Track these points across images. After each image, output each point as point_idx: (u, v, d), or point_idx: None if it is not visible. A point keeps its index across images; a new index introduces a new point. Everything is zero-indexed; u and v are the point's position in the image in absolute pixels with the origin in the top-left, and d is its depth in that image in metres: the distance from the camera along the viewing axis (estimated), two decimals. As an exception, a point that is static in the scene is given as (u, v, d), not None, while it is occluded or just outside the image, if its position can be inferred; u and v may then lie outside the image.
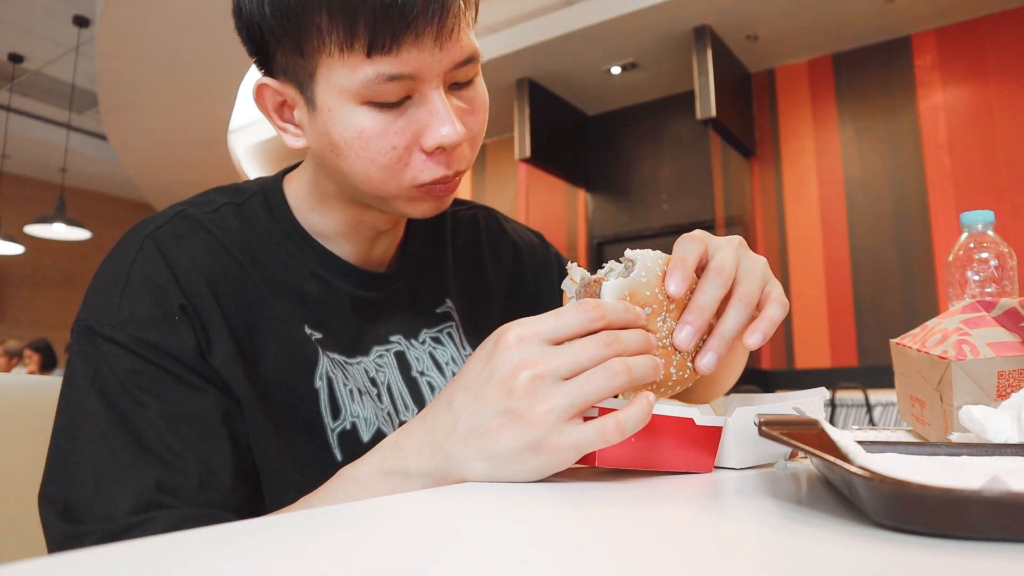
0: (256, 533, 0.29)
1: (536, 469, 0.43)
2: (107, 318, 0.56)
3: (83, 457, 0.52)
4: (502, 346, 0.44)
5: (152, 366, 0.54)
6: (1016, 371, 0.61)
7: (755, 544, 0.29)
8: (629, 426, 0.43)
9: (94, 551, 0.24)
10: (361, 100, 0.55)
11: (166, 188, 7.23)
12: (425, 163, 0.58)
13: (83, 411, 0.53)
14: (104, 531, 0.49)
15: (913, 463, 0.41)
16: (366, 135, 0.56)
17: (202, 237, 0.61)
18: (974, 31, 4.31)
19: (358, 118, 0.56)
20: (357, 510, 0.35)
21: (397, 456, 0.47)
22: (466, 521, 0.34)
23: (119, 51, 4.57)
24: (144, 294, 0.57)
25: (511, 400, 0.43)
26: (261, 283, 0.63)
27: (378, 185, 0.58)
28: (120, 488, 0.50)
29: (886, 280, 4.41)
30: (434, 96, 0.56)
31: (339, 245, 0.68)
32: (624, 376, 0.43)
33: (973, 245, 0.77)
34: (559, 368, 0.43)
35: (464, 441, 0.44)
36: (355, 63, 0.53)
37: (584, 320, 0.44)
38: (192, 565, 0.24)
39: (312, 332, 0.64)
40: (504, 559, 0.26)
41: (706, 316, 0.49)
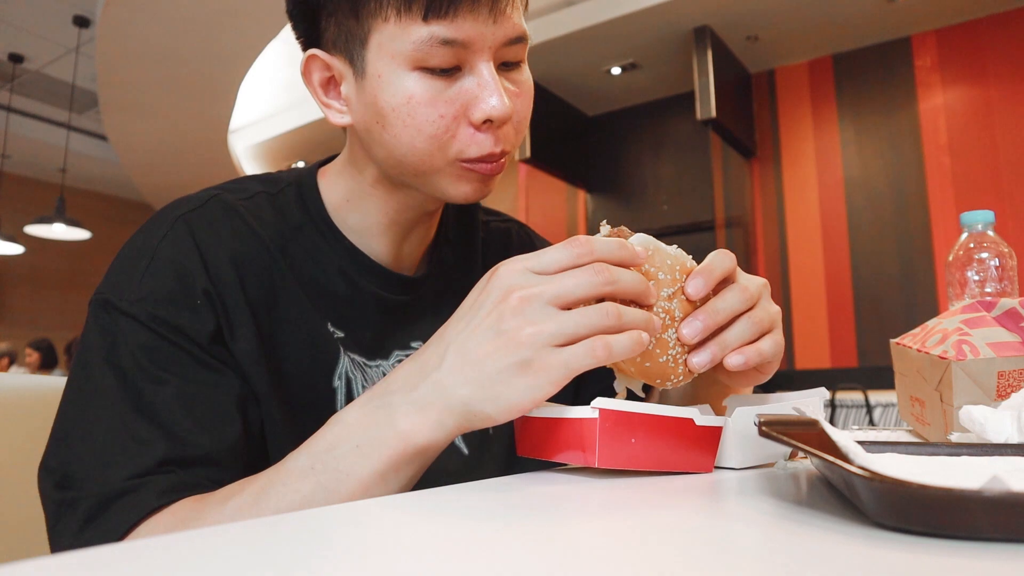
0: (252, 533, 0.29)
1: (522, 391, 0.43)
2: (127, 293, 0.55)
3: (88, 430, 0.51)
4: (495, 277, 0.46)
5: (169, 344, 0.54)
6: (1016, 371, 0.61)
7: (755, 544, 0.29)
8: (618, 348, 0.44)
9: (94, 551, 0.24)
10: (412, 65, 0.55)
11: (166, 188, 7.23)
12: (472, 136, 0.57)
13: (93, 384, 0.52)
14: (97, 495, 0.48)
15: (913, 463, 0.41)
16: (415, 101, 0.55)
17: (234, 223, 0.61)
18: (974, 31, 4.31)
19: (408, 83, 0.55)
20: (357, 510, 0.35)
21: (383, 391, 0.47)
22: (464, 520, 0.34)
23: (119, 51, 4.57)
24: (168, 273, 0.56)
25: (500, 322, 0.44)
26: (289, 275, 0.62)
27: (423, 157, 0.57)
28: (123, 459, 0.49)
29: (886, 280, 4.41)
30: (484, 68, 0.56)
31: (370, 243, 0.67)
32: (614, 318, 0.44)
33: (973, 245, 0.77)
34: (547, 291, 0.44)
35: (451, 368, 0.45)
36: (410, 26, 0.54)
37: (571, 255, 0.45)
38: (191, 565, 0.24)
39: (335, 330, 0.64)
40: (504, 559, 0.26)
41: (718, 320, 0.49)
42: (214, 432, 0.53)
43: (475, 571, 0.24)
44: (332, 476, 0.45)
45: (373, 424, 0.46)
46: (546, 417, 0.49)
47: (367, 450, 0.45)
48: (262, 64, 5.03)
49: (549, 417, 0.48)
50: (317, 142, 6.43)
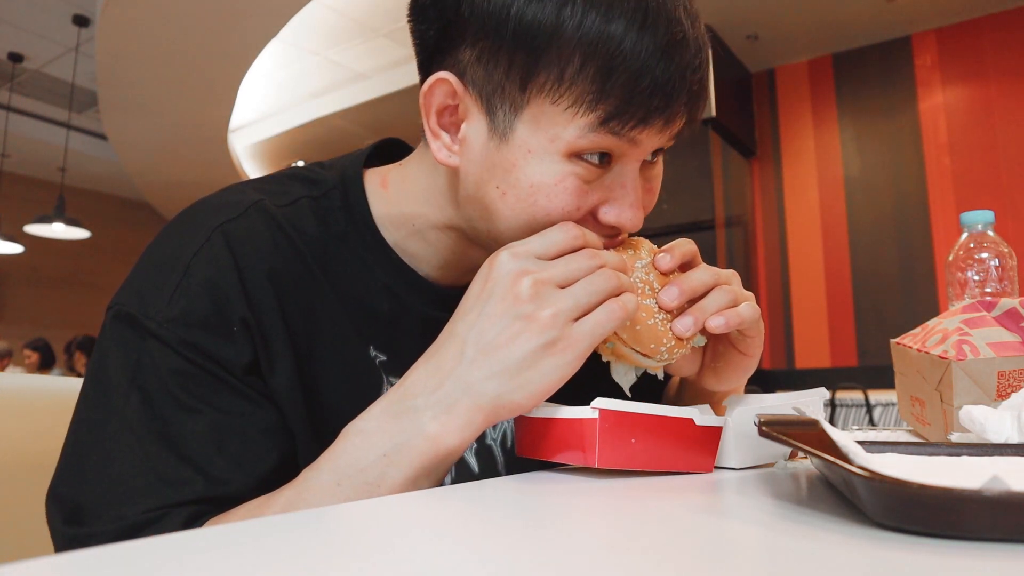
0: (256, 534, 0.29)
1: (550, 371, 0.44)
2: (155, 311, 0.49)
3: (105, 455, 0.46)
4: (498, 264, 0.47)
5: (202, 371, 0.49)
6: (1016, 371, 0.61)
7: (755, 544, 0.29)
8: (631, 304, 0.46)
9: (93, 551, 0.24)
10: (569, 152, 0.49)
11: (166, 187, 7.23)
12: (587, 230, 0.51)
13: (113, 407, 0.48)
14: (113, 531, 0.44)
15: (913, 463, 0.41)
16: (563, 186, 0.50)
17: (276, 237, 0.55)
18: (974, 31, 4.31)
19: (560, 167, 0.50)
20: (357, 510, 0.35)
21: (403, 395, 0.46)
22: (464, 520, 0.34)
23: (119, 50, 4.56)
24: (203, 295, 0.50)
25: (518, 306, 0.45)
26: (331, 295, 0.57)
27: (528, 234, 0.51)
28: (143, 496, 0.45)
29: (886, 280, 4.41)
30: (633, 171, 0.52)
31: (427, 269, 0.62)
32: (615, 280, 0.47)
33: (973, 245, 0.77)
34: (556, 276, 0.46)
35: (473, 362, 0.45)
36: (581, 120, 0.48)
37: (568, 237, 0.48)
38: (191, 566, 0.24)
39: (377, 354, 0.58)
40: (503, 559, 0.26)
41: (691, 286, 0.52)
42: (248, 469, 0.48)
43: (474, 571, 0.24)
44: (361, 489, 0.44)
45: (399, 431, 0.45)
46: (546, 417, 0.49)
47: (395, 458, 0.44)
48: (262, 64, 5.03)
49: (549, 417, 0.48)
50: (317, 142, 6.42)
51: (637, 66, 0.46)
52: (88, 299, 7.98)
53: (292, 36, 4.86)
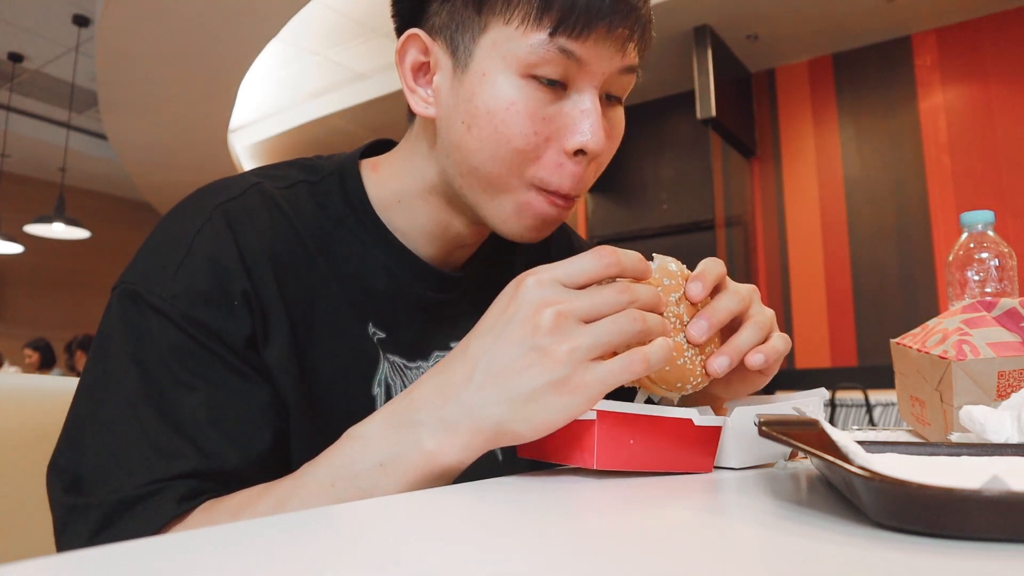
0: (256, 533, 0.29)
1: (557, 410, 0.42)
2: (158, 287, 0.51)
3: (104, 428, 0.48)
4: (523, 289, 0.44)
5: (201, 347, 0.50)
6: (1016, 371, 0.61)
7: (755, 544, 0.29)
8: (655, 358, 0.43)
9: (93, 551, 0.24)
10: (523, 71, 0.53)
11: (166, 187, 7.23)
12: (559, 165, 0.55)
13: (114, 380, 0.49)
14: (110, 502, 0.45)
15: (913, 463, 0.41)
16: (515, 108, 0.53)
17: (274, 216, 0.57)
18: (974, 31, 4.31)
19: (512, 88, 0.53)
20: (357, 510, 0.35)
21: (407, 407, 0.45)
22: (464, 521, 0.34)
23: (119, 50, 4.57)
24: (205, 270, 0.52)
25: (536, 337, 0.42)
26: (329, 274, 0.59)
27: (501, 170, 0.55)
28: (140, 467, 0.46)
29: (886, 280, 4.41)
30: (590, 95, 0.55)
31: (417, 240, 0.64)
32: (641, 323, 0.44)
33: (973, 245, 0.77)
34: (581, 309, 0.43)
35: (481, 387, 0.43)
36: (533, 33, 0.52)
37: (600, 266, 0.45)
38: (191, 565, 0.24)
39: (376, 331, 0.61)
40: (503, 560, 0.26)
41: (720, 318, 0.50)
42: (241, 445, 0.50)
43: (473, 571, 0.24)
44: (354, 494, 0.44)
45: (397, 442, 0.44)
46: None
47: (390, 469, 0.44)
48: (262, 63, 5.03)
49: None
50: (317, 142, 6.42)
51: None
52: (88, 299, 7.98)
53: (292, 36, 4.86)
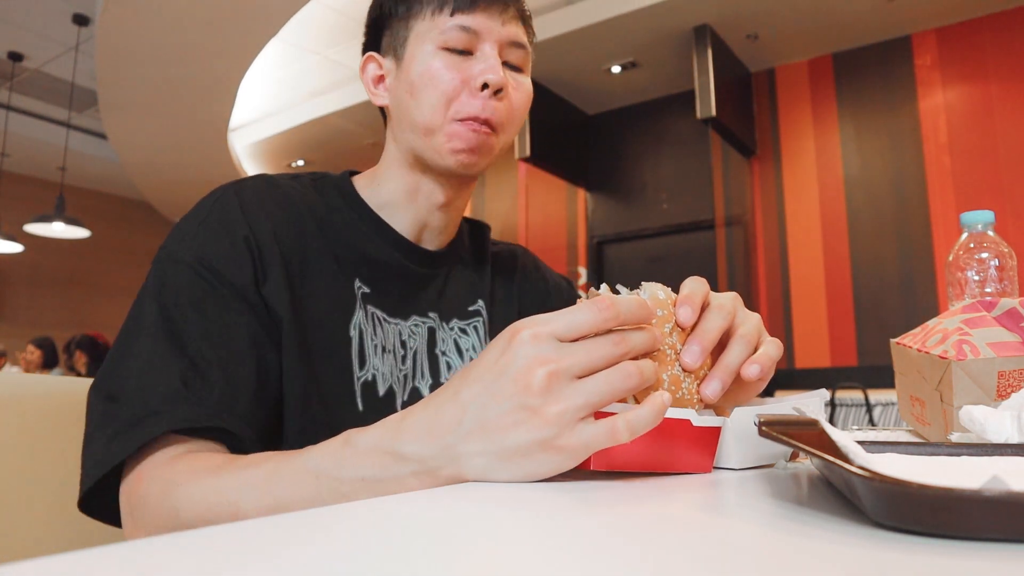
0: (256, 533, 0.29)
1: (540, 467, 0.43)
2: (183, 246, 0.66)
3: (134, 357, 0.60)
4: (516, 342, 0.44)
5: (206, 284, 0.64)
6: (1016, 371, 0.61)
7: (755, 544, 0.29)
8: (639, 426, 0.43)
9: (91, 551, 0.24)
10: (438, 46, 0.73)
11: (166, 187, 7.23)
12: (469, 100, 0.72)
13: (143, 318, 0.62)
14: (134, 411, 0.57)
15: (913, 463, 0.41)
16: (435, 69, 0.73)
17: (275, 193, 0.73)
18: (974, 31, 4.31)
19: (434, 59, 0.73)
20: (358, 510, 0.35)
21: (396, 436, 0.46)
22: (465, 521, 0.34)
23: (119, 50, 4.57)
24: (216, 227, 0.67)
25: (527, 396, 0.42)
26: (321, 240, 0.73)
27: (432, 113, 0.73)
28: (156, 381, 0.58)
29: (886, 280, 4.41)
30: (489, 51, 0.74)
31: (396, 216, 0.79)
32: (636, 378, 0.44)
33: (973, 245, 0.77)
34: (574, 367, 0.43)
35: (469, 435, 0.44)
36: (439, 19, 0.73)
37: (598, 319, 0.44)
38: (192, 564, 0.24)
39: (361, 286, 0.74)
40: (502, 560, 0.26)
41: (711, 339, 0.51)
42: (228, 367, 0.61)
43: (472, 571, 0.24)
44: (334, 494, 0.47)
45: (383, 467, 0.46)
46: None
47: (371, 486, 0.46)
48: (262, 63, 5.03)
49: None
50: (317, 140, 6.43)
51: None
52: (88, 299, 7.98)
53: (292, 36, 4.86)
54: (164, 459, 0.56)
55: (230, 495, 0.50)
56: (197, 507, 0.51)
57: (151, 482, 0.55)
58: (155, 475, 0.55)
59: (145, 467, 0.56)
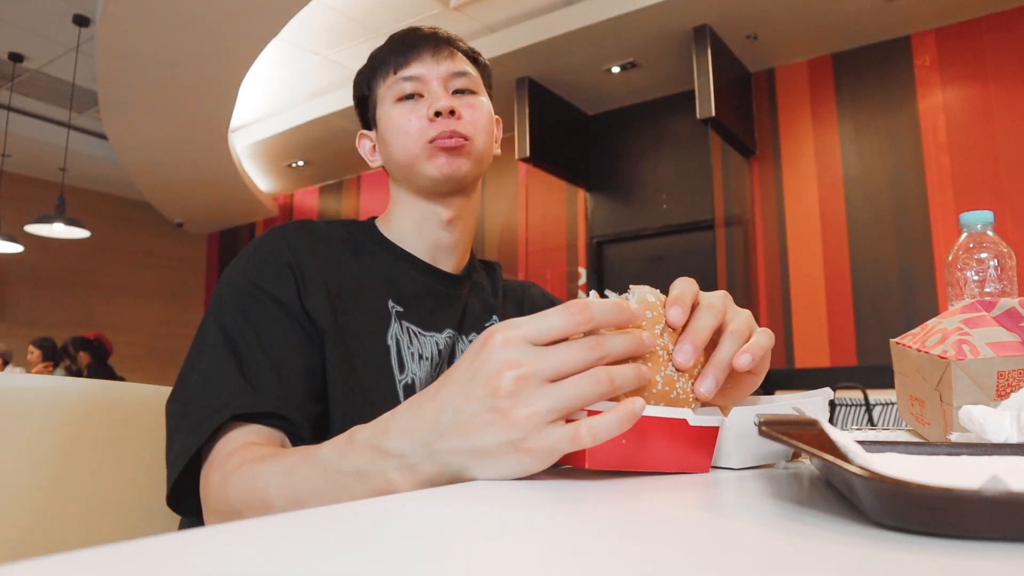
0: (257, 533, 0.29)
1: (512, 467, 0.44)
2: (235, 273, 0.77)
3: (199, 370, 0.70)
4: (489, 346, 0.45)
5: (255, 301, 0.74)
6: (1016, 371, 0.61)
7: (755, 544, 0.29)
8: (601, 432, 0.43)
9: (92, 551, 0.24)
10: (393, 100, 0.88)
11: (166, 187, 7.23)
12: (431, 126, 0.84)
13: (206, 338, 0.72)
14: (206, 408, 0.66)
15: (913, 463, 0.41)
16: (395, 118, 0.87)
17: (315, 233, 0.84)
18: (974, 31, 4.31)
19: (393, 110, 0.87)
20: (358, 510, 0.35)
21: (384, 434, 0.49)
22: (462, 521, 0.34)
23: (119, 50, 4.57)
24: (263, 256, 0.78)
25: (495, 399, 0.44)
26: (356, 268, 0.83)
27: (407, 149, 0.85)
28: (219, 383, 0.68)
29: (886, 280, 4.41)
30: (435, 87, 0.86)
31: (412, 243, 0.90)
32: (606, 384, 0.44)
33: (973, 245, 0.77)
34: (543, 371, 0.44)
35: (445, 434, 0.45)
36: (390, 80, 0.88)
37: (570, 323, 0.45)
38: (193, 564, 0.24)
39: (395, 306, 0.83)
40: (501, 560, 0.26)
41: (702, 337, 0.51)
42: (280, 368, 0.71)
43: (471, 571, 0.24)
44: (337, 486, 0.51)
45: (371, 461, 0.49)
46: None
47: (364, 479, 0.49)
48: (262, 64, 5.03)
49: None
50: (318, 140, 6.43)
51: (396, 40, 0.91)
52: (88, 299, 7.98)
53: (292, 36, 4.86)
54: (229, 448, 0.63)
55: (261, 485, 0.56)
56: (240, 495, 0.57)
57: (216, 471, 0.62)
58: (220, 464, 0.62)
59: (215, 457, 0.64)
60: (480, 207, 5.64)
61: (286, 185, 7.65)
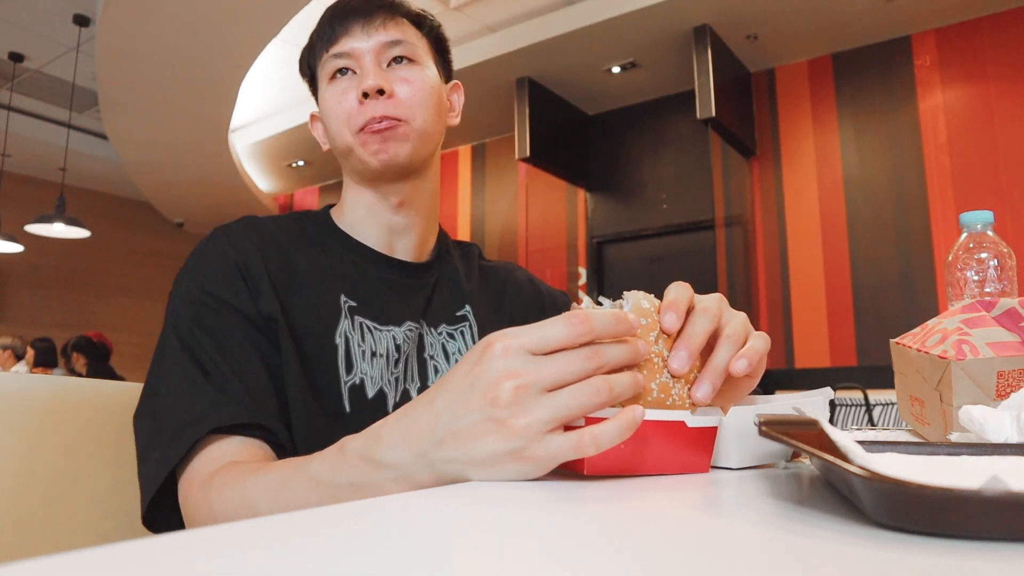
0: (257, 534, 0.29)
1: (512, 474, 0.44)
2: (185, 279, 0.74)
3: (164, 382, 0.68)
4: (488, 355, 0.45)
5: (208, 308, 0.71)
6: (1016, 371, 0.61)
7: (755, 544, 0.29)
8: (604, 441, 0.43)
9: (92, 551, 0.24)
10: (327, 80, 0.83)
11: (166, 187, 7.22)
12: (359, 111, 0.79)
13: (165, 350, 0.70)
14: (178, 421, 0.64)
15: (913, 463, 0.41)
16: (328, 101, 0.82)
17: (259, 228, 0.80)
18: (974, 31, 4.31)
19: (326, 92, 0.83)
20: (357, 510, 0.35)
21: (376, 445, 0.49)
22: (463, 521, 0.34)
23: (119, 50, 4.56)
24: (210, 260, 0.75)
25: (494, 409, 0.43)
26: (304, 263, 0.80)
27: (343, 139, 0.81)
28: (187, 395, 0.66)
29: (886, 280, 4.41)
30: (367, 62, 0.81)
31: (365, 232, 0.86)
32: (605, 394, 0.44)
33: (972, 245, 0.77)
34: (542, 380, 0.44)
35: (441, 443, 0.45)
36: (324, 59, 0.83)
37: (570, 334, 0.45)
38: (193, 565, 0.24)
39: (347, 300, 0.80)
40: (501, 560, 0.26)
41: (698, 342, 0.51)
42: (243, 372, 0.69)
43: (470, 571, 0.24)
44: (330, 499, 0.50)
45: (365, 473, 0.49)
46: None
47: (359, 490, 0.49)
48: (262, 63, 5.02)
49: None
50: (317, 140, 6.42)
51: (327, 14, 0.85)
52: (88, 299, 7.98)
53: (292, 36, 4.86)
54: (210, 464, 0.62)
55: (251, 501, 0.55)
56: (228, 512, 0.57)
57: (198, 488, 0.60)
58: (203, 482, 0.60)
59: (194, 474, 0.62)
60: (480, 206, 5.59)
61: (286, 185, 7.65)
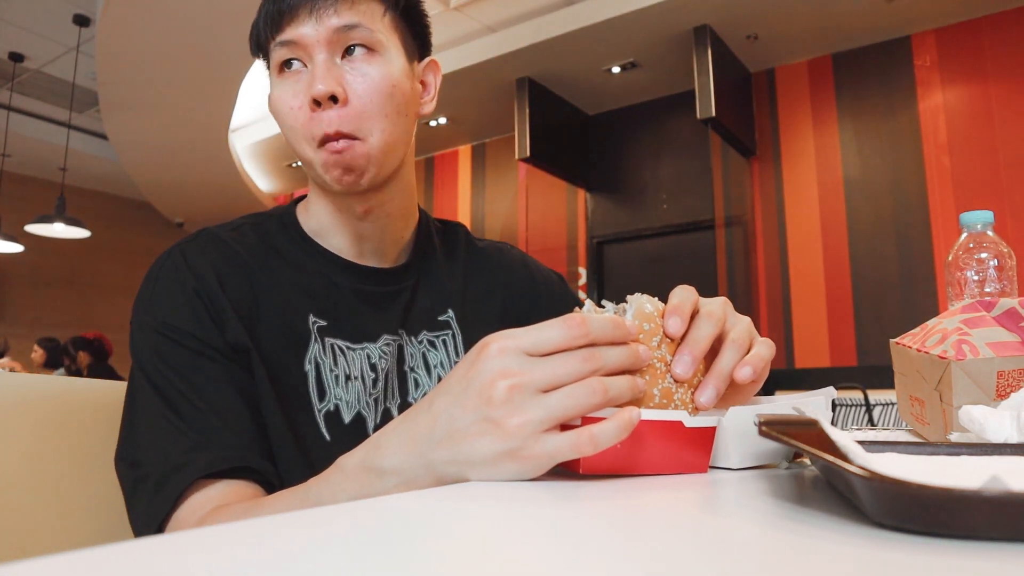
0: (256, 533, 0.29)
1: (510, 473, 0.44)
2: (143, 311, 0.69)
3: (141, 424, 0.64)
4: (484, 356, 0.45)
5: (173, 344, 0.66)
6: (1016, 371, 0.61)
7: (755, 544, 0.29)
8: (603, 440, 0.43)
9: (91, 551, 0.24)
10: (275, 71, 0.73)
11: (166, 187, 7.22)
12: (313, 119, 0.70)
13: (135, 389, 0.66)
14: (161, 469, 0.61)
15: (913, 463, 0.41)
16: (276, 102, 0.73)
17: (218, 246, 0.73)
18: (974, 31, 4.31)
19: (274, 88, 0.73)
20: (357, 510, 0.35)
21: (376, 453, 0.49)
22: (463, 520, 0.34)
23: (119, 50, 4.56)
24: (168, 287, 0.69)
25: (489, 409, 0.44)
26: (267, 283, 0.73)
27: (301, 149, 0.72)
28: (166, 440, 0.62)
29: (886, 280, 4.41)
30: (317, 60, 0.70)
31: (332, 239, 0.79)
32: (601, 395, 0.44)
33: (972, 245, 0.77)
34: (537, 381, 0.44)
35: (440, 444, 0.45)
36: (271, 46, 0.72)
37: (567, 336, 0.45)
38: (192, 565, 0.24)
39: (317, 320, 0.74)
40: (500, 559, 0.26)
41: (701, 347, 0.51)
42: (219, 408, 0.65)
43: (470, 571, 0.24)
44: None
45: (367, 484, 0.49)
46: None
47: None
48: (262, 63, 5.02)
49: None
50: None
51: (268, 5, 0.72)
52: (88, 299, 7.97)
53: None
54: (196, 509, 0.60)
55: None
56: None
57: None
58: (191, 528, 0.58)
59: (180, 523, 0.60)
60: (480, 206, 5.56)
61: (286, 185, 7.65)
